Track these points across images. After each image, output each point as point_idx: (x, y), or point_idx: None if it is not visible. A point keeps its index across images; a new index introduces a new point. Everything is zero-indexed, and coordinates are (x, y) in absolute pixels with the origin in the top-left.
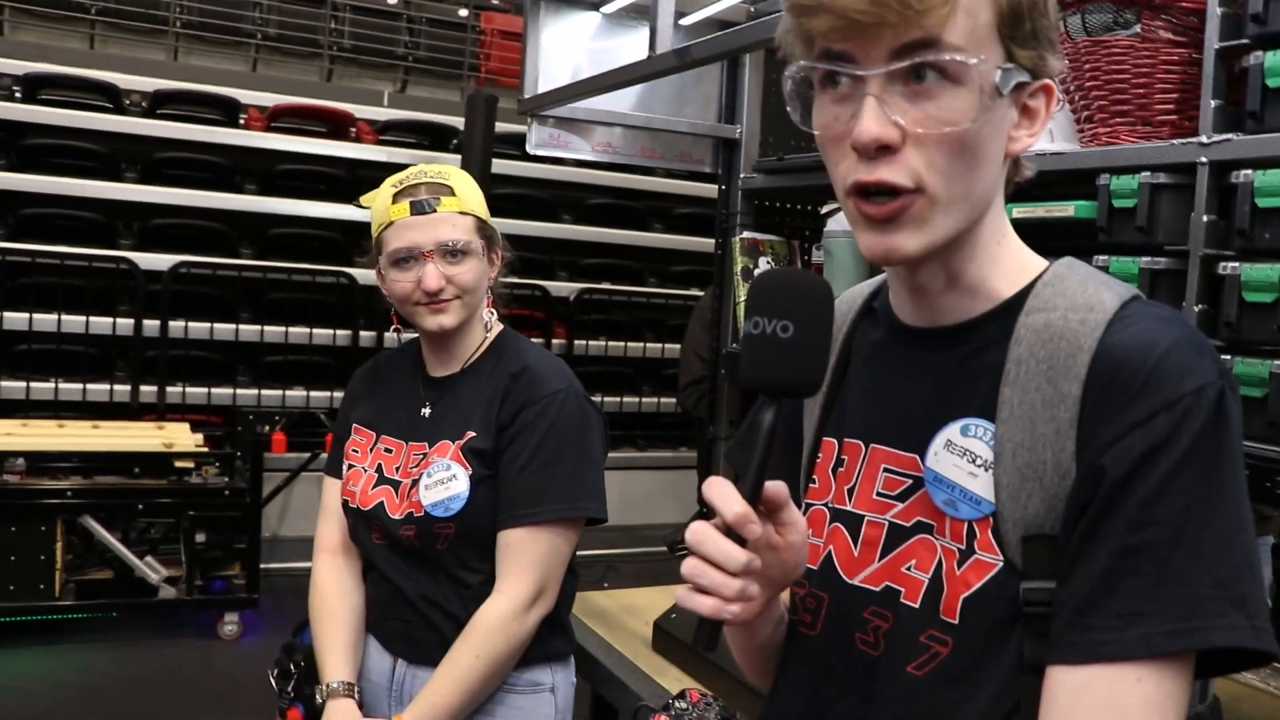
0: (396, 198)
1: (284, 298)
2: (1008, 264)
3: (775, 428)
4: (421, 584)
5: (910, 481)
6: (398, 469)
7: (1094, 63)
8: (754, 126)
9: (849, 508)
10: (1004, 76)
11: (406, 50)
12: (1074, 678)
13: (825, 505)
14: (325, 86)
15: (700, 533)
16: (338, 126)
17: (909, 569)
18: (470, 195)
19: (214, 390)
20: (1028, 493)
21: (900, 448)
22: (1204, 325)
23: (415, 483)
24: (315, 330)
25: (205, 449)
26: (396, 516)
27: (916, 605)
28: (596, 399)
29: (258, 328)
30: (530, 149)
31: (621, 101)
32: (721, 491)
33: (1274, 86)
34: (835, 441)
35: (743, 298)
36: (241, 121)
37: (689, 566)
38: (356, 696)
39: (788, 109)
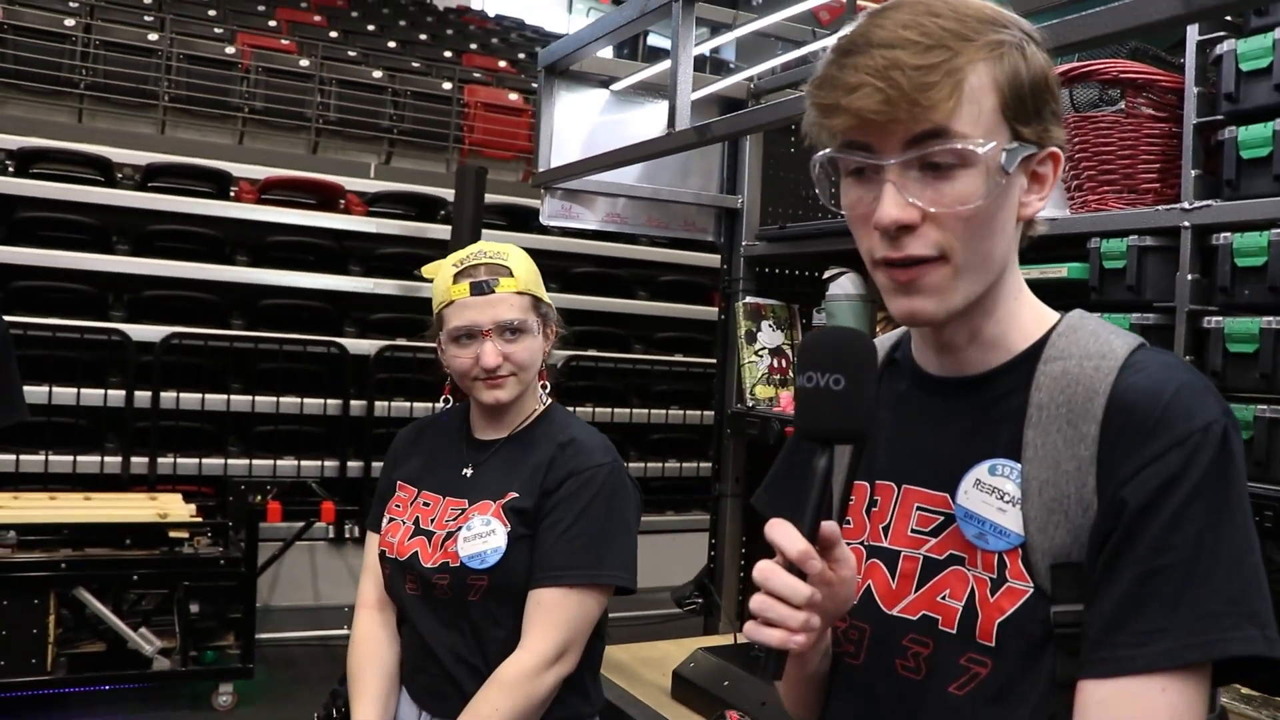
0: (457, 278)
1: (275, 368)
2: (1024, 318)
3: (830, 471)
4: (449, 637)
5: (942, 518)
6: (433, 520)
7: (1082, 136)
8: (755, 196)
9: (885, 544)
10: (1008, 157)
11: (392, 123)
12: (1104, 690)
13: (862, 544)
14: (311, 159)
15: (767, 570)
16: (327, 198)
17: (944, 598)
18: (527, 275)
19: (205, 461)
20: (1054, 525)
21: (931, 487)
22: None
23: (451, 534)
24: (306, 400)
25: (199, 519)
26: (430, 565)
27: (954, 631)
28: None
29: (249, 398)
30: (543, 220)
31: (627, 174)
32: (784, 532)
33: (1247, 158)
34: (867, 484)
35: (747, 360)
36: (232, 194)
37: (757, 602)
38: None
39: (816, 190)
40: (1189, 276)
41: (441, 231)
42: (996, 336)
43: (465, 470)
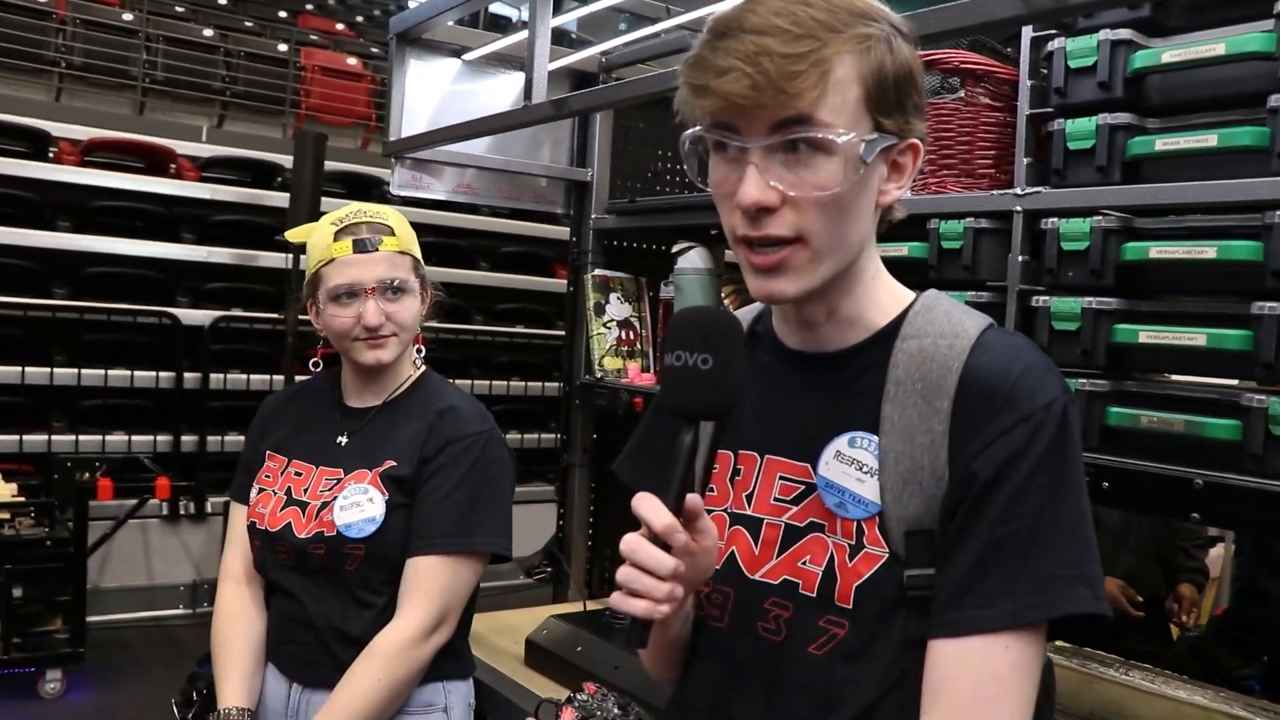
0: (339, 235)
1: (103, 339)
2: (880, 297)
3: (695, 447)
4: (324, 604)
5: (803, 487)
6: (306, 490)
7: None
8: (604, 170)
9: (749, 512)
10: (867, 148)
11: (224, 85)
12: (953, 648)
13: (725, 511)
14: (138, 120)
15: (633, 543)
16: (157, 162)
17: (804, 563)
18: (407, 236)
19: (26, 437)
20: (909, 494)
21: (794, 458)
22: None
23: (326, 504)
24: (136, 372)
25: (20, 499)
26: (304, 536)
27: (813, 594)
28: None
29: (74, 371)
30: (393, 190)
31: (478, 145)
32: (650, 506)
33: (1073, 149)
34: (730, 454)
35: (595, 331)
36: (51, 155)
37: (624, 574)
38: None
39: (684, 165)
40: (1020, 258)
41: (279, 199)
42: (854, 315)
43: (339, 439)
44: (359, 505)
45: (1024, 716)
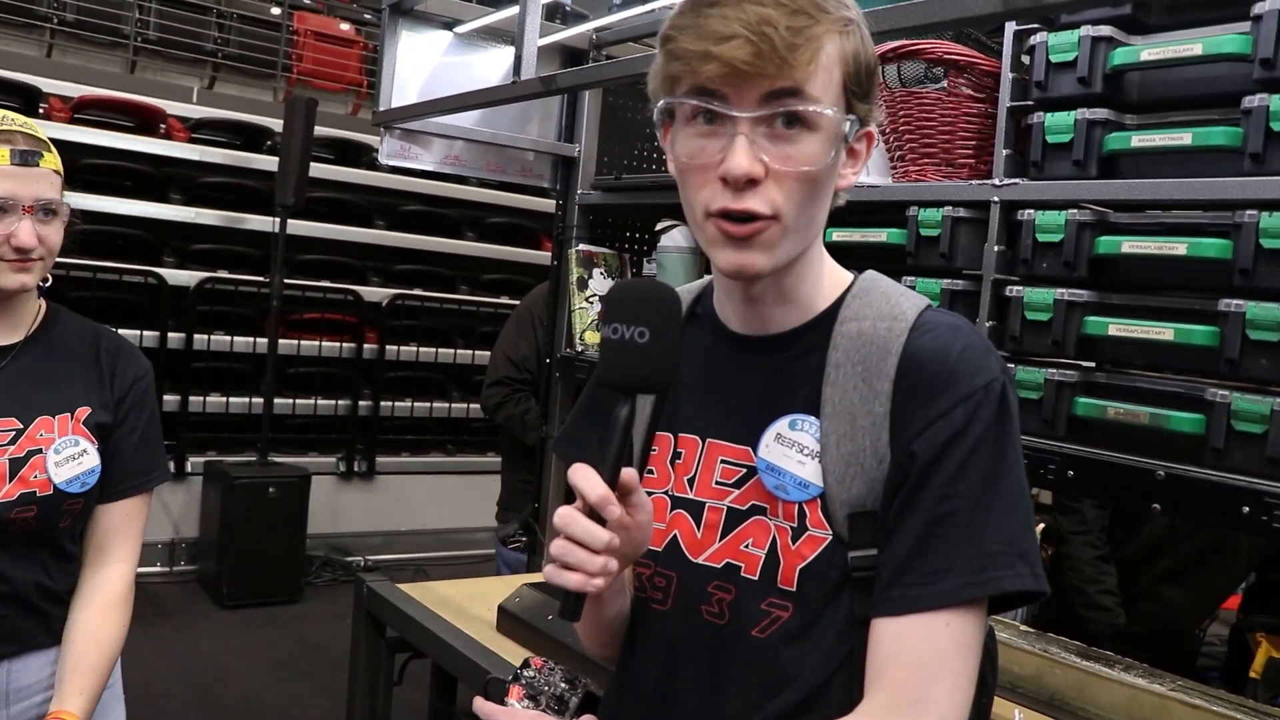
0: None
1: (89, 296)
2: (824, 280)
3: (631, 420)
4: (22, 568)
5: (744, 471)
6: None
7: (907, 110)
8: (592, 146)
9: (690, 495)
10: (850, 127)
11: (216, 46)
12: (895, 627)
13: (666, 494)
14: (129, 79)
15: (567, 516)
16: (147, 121)
17: (746, 547)
18: (57, 157)
19: None
20: (851, 476)
21: (734, 441)
22: (993, 338)
23: (21, 460)
24: (121, 330)
25: None
26: (8, 500)
27: (756, 578)
28: (405, 404)
29: None
30: (382, 160)
31: (467, 117)
32: (585, 477)
33: (1052, 142)
34: (670, 436)
35: (577, 305)
36: (41, 110)
37: (557, 546)
38: None
39: (658, 137)
40: (995, 248)
41: (267, 163)
42: (799, 296)
43: None
44: (75, 459)
45: (967, 691)
